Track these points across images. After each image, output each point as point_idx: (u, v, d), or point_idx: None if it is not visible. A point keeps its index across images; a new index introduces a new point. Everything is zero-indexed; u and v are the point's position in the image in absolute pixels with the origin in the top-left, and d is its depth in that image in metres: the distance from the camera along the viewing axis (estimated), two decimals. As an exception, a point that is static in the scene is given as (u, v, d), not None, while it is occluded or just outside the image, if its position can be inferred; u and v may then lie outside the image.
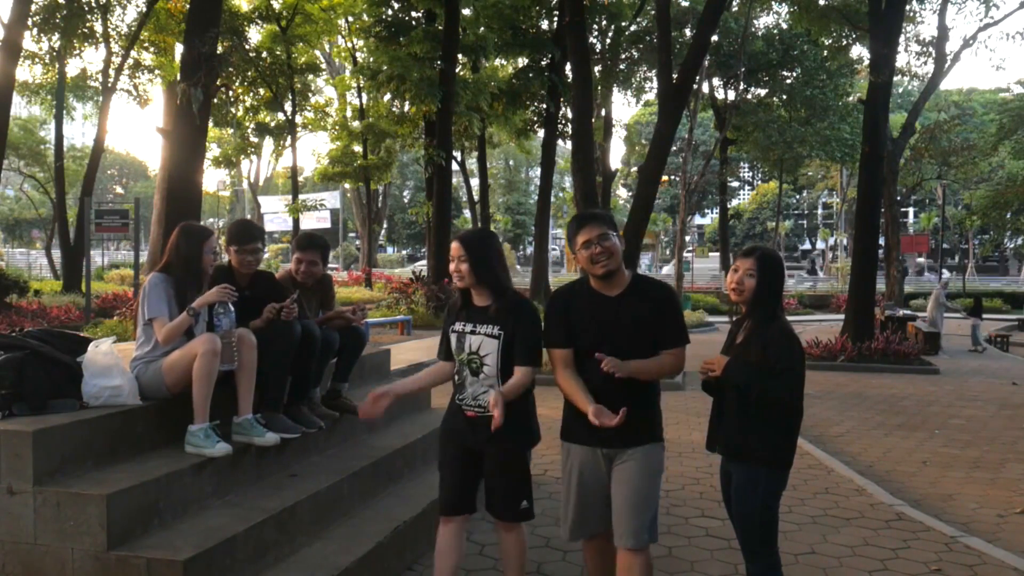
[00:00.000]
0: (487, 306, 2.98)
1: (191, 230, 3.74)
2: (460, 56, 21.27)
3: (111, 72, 20.21)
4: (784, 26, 25.93)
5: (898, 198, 21.97)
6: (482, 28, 21.48)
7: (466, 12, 20.97)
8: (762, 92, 27.51)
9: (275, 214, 48.72)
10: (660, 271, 41.81)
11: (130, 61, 20.61)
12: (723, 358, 2.86)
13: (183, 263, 3.62)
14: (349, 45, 26.85)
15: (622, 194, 54.72)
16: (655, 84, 23.37)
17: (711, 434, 3.03)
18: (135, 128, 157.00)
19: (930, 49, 20.37)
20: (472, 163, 30.74)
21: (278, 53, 22.81)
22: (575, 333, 2.87)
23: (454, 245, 2.98)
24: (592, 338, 2.82)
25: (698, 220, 66.67)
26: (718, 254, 33.13)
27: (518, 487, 3.24)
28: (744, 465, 2.89)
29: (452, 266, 2.98)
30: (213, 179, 42.10)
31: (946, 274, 16.22)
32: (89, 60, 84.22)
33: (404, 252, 71.89)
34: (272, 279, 4.20)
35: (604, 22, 22.68)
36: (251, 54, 22.09)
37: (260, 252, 4.02)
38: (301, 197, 27.11)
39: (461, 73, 22.09)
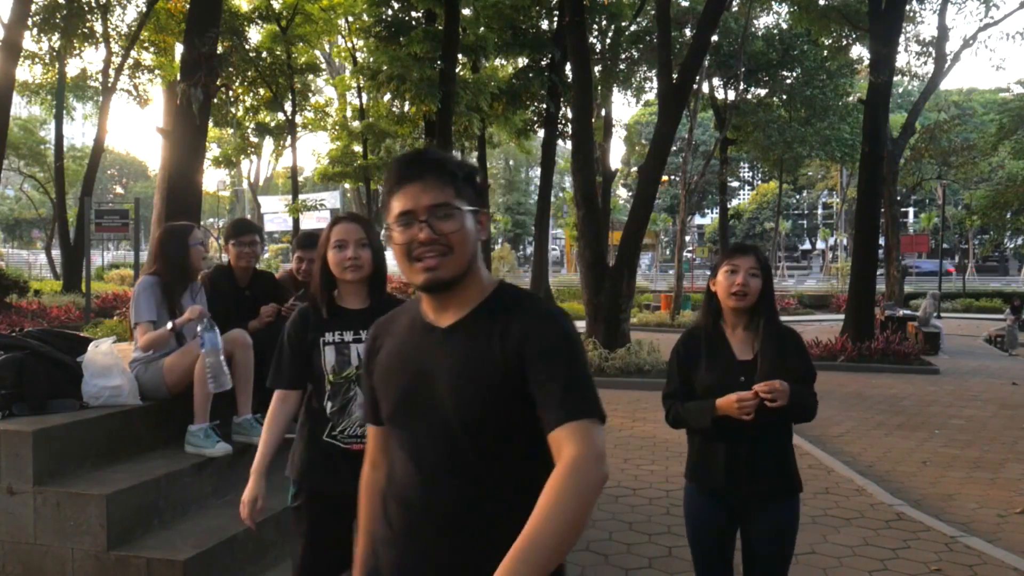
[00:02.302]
0: (366, 308, 2.40)
1: (173, 230, 3.76)
2: (460, 56, 21.24)
3: (111, 72, 20.20)
4: (784, 26, 25.90)
5: (898, 198, 21.96)
6: (482, 28, 21.45)
7: (466, 12, 20.94)
8: (762, 92, 27.47)
9: (275, 214, 48.67)
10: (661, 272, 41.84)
11: (130, 61, 20.60)
12: (779, 383, 2.35)
13: (171, 264, 3.64)
14: (349, 45, 26.82)
15: (622, 194, 54.68)
16: (655, 84, 23.35)
17: (727, 482, 2.48)
18: (135, 128, 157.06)
19: (930, 49, 20.35)
20: (472, 163, 30.71)
21: (278, 53, 22.79)
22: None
23: (349, 228, 2.39)
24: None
25: (698, 220, 66.58)
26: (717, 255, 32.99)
27: None
28: (789, 501, 2.52)
29: (347, 253, 2.35)
30: (213, 179, 42.07)
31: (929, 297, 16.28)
32: (89, 60, 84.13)
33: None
34: (272, 279, 4.20)
35: (604, 22, 22.65)
36: (251, 54, 22.07)
37: (258, 245, 4.02)
38: (301, 197, 27.10)
39: (461, 73, 22.07)
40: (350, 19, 24.79)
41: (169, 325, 3.49)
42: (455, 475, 1.43)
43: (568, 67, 19.25)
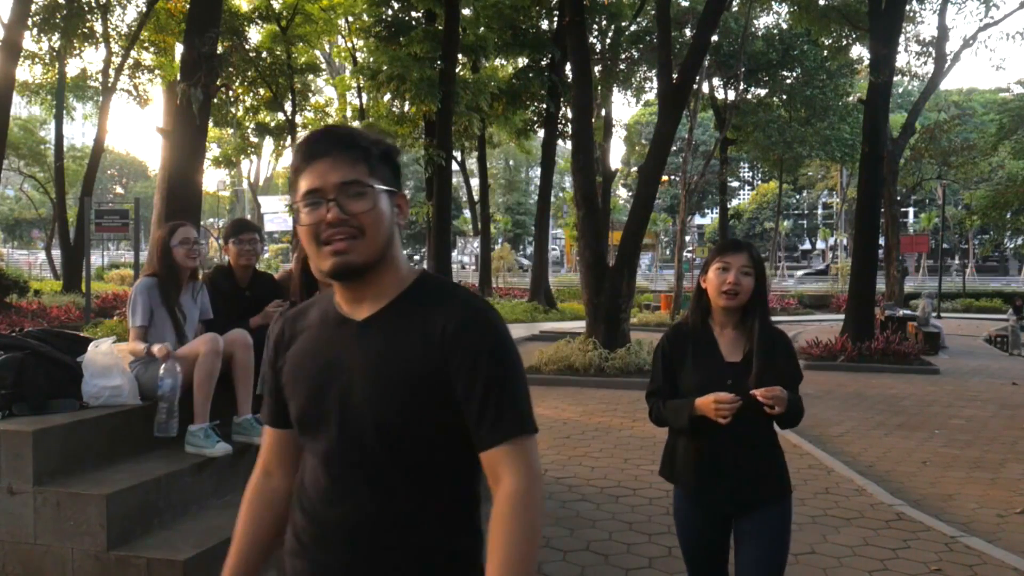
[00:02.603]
0: None
1: (164, 229, 3.79)
2: (460, 56, 21.25)
3: (111, 72, 20.22)
4: (784, 26, 25.90)
5: (898, 198, 21.94)
6: (482, 28, 21.46)
7: (466, 12, 20.95)
8: (762, 92, 27.47)
9: (275, 214, 48.63)
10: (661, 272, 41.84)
11: (130, 61, 20.61)
12: (779, 390, 2.27)
13: (160, 265, 3.68)
14: (349, 45, 26.83)
15: (622, 194, 54.69)
16: (655, 84, 23.35)
17: (711, 486, 2.41)
18: (135, 128, 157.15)
19: (930, 49, 20.34)
20: (472, 163, 30.72)
21: (278, 53, 22.79)
22: None
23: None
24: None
25: (698, 220, 66.58)
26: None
27: None
28: (779, 505, 2.42)
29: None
30: (213, 179, 42.16)
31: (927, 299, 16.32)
32: (89, 60, 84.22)
33: (404, 252, 71.75)
34: (272, 280, 4.20)
35: (604, 22, 22.65)
36: (251, 54, 22.07)
37: (258, 244, 4.03)
38: (301, 197, 27.08)
39: (461, 73, 22.08)
40: (350, 19, 24.80)
41: (145, 349, 3.55)
42: (368, 485, 1.30)
43: (568, 67, 19.25)
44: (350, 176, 1.29)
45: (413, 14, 21.59)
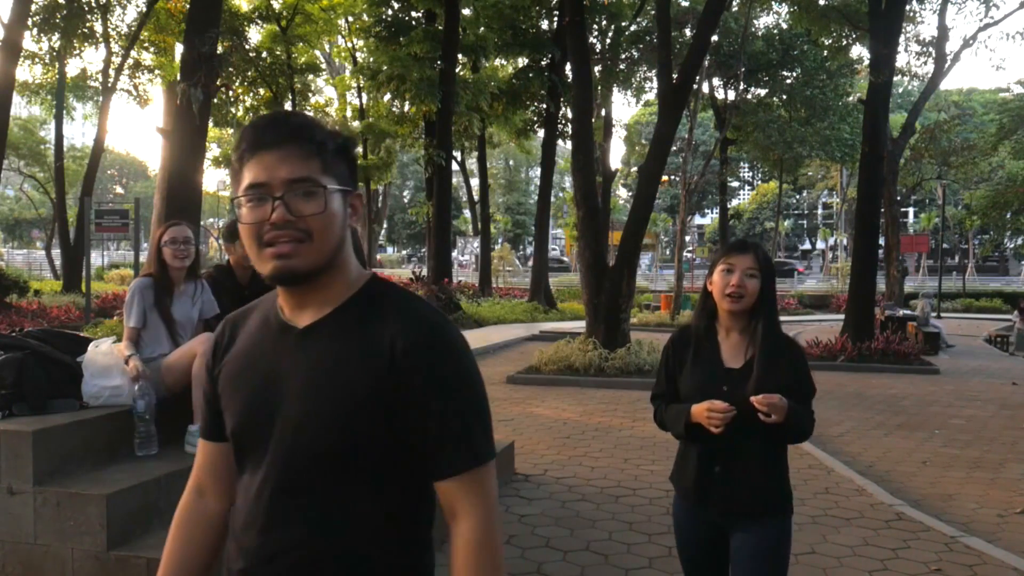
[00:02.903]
0: None
1: (159, 229, 3.81)
2: (460, 56, 21.27)
3: (111, 72, 20.22)
4: (784, 26, 25.92)
5: (898, 198, 21.95)
6: (482, 28, 21.48)
7: (466, 12, 20.97)
8: (762, 92, 27.48)
9: (275, 214, 48.57)
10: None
11: (130, 61, 20.62)
12: (778, 398, 2.15)
13: (155, 265, 3.71)
14: (349, 45, 26.86)
15: (622, 194, 54.71)
16: (655, 84, 23.37)
17: (702, 491, 2.31)
18: (135, 128, 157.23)
19: (930, 49, 20.35)
20: (472, 163, 30.74)
21: (278, 53, 22.82)
22: None
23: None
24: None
25: (698, 220, 66.63)
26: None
27: None
28: (775, 523, 2.30)
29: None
30: (213, 179, 42.09)
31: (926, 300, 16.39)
32: (89, 60, 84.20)
33: (404, 252, 71.87)
34: (271, 279, 4.22)
35: (604, 22, 22.66)
36: (251, 54, 22.10)
37: None
38: (301, 197, 27.13)
39: (461, 73, 22.09)
40: (350, 19, 24.82)
41: (126, 357, 3.54)
42: (303, 514, 1.16)
43: (568, 67, 19.26)
44: (301, 173, 1.15)
45: (413, 14, 21.61)
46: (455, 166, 25.67)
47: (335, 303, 1.21)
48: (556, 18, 21.72)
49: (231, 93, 22.58)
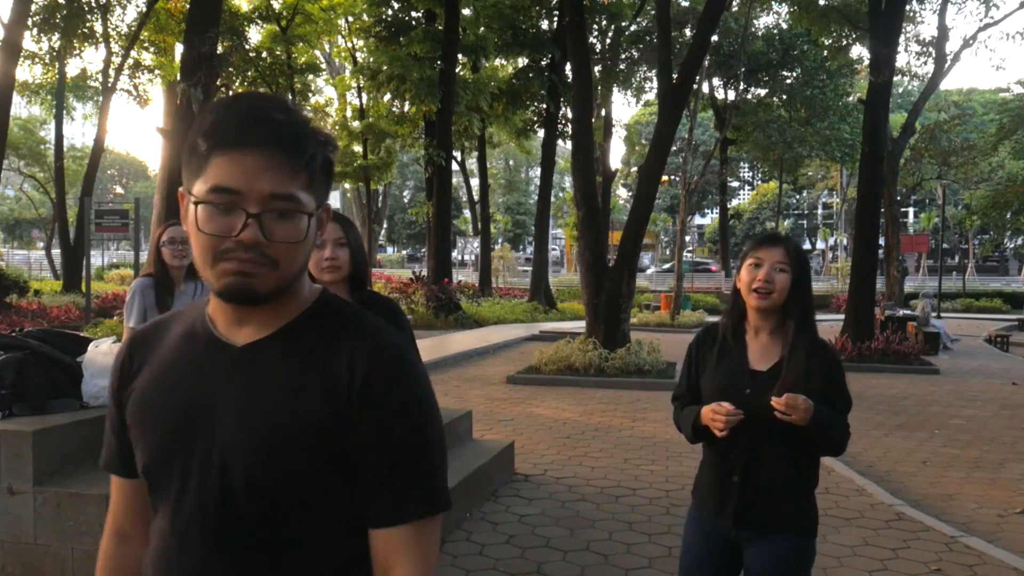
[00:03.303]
0: None
1: (159, 229, 3.82)
2: (460, 56, 21.27)
3: (111, 72, 20.23)
4: (784, 26, 25.96)
5: (898, 198, 21.95)
6: (482, 28, 21.49)
7: (466, 12, 20.98)
8: (762, 92, 27.54)
9: (275, 214, 48.61)
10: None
11: (130, 61, 20.64)
12: (802, 399, 2.00)
13: (155, 265, 3.72)
14: (349, 45, 26.84)
15: (622, 194, 54.71)
16: (655, 84, 23.37)
17: (719, 501, 2.16)
18: (135, 128, 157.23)
19: (930, 49, 20.34)
20: (472, 163, 30.73)
21: (278, 53, 22.81)
22: None
23: (328, 226, 2.22)
24: None
25: (698, 220, 66.64)
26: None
27: None
28: (793, 540, 2.11)
29: (325, 252, 2.25)
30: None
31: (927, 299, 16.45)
32: (89, 60, 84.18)
33: (404, 252, 71.89)
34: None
35: (604, 22, 22.67)
36: (251, 54, 22.10)
37: None
38: (301, 197, 27.13)
39: (461, 73, 22.10)
40: (350, 19, 24.81)
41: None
42: (235, 562, 1.00)
43: (568, 67, 19.27)
44: (285, 188, 0.96)
45: (413, 14, 21.62)
46: (455, 166, 25.67)
47: (283, 320, 1.04)
48: (556, 18, 21.73)
49: (231, 93, 22.58)
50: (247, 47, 22.00)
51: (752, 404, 2.05)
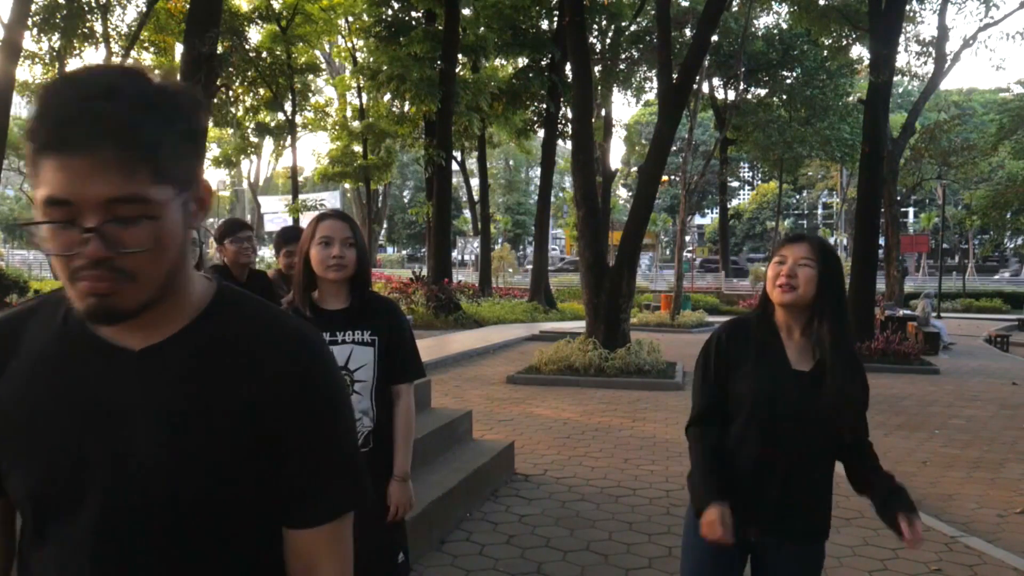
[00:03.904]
0: (345, 308, 2.36)
1: None
2: (460, 56, 21.28)
3: (111, 72, 20.23)
4: (784, 26, 25.96)
5: (898, 198, 21.96)
6: (482, 28, 21.50)
7: (466, 12, 20.99)
8: (762, 92, 27.55)
9: (275, 214, 48.58)
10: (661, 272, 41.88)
11: (130, 61, 20.63)
12: (918, 530, 1.92)
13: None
14: (349, 45, 26.86)
15: (622, 194, 54.75)
16: (655, 84, 23.39)
17: (749, 512, 2.02)
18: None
19: (930, 49, 20.35)
20: (472, 163, 30.74)
21: (278, 53, 22.82)
22: None
23: (335, 225, 2.32)
24: None
25: (698, 220, 66.65)
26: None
27: (398, 540, 2.47)
28: (818, 546, 2.10)
29: (332, 251, 2.29)
30: (213, 179, 42.22)
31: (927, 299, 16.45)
32: (89, 60, 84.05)
33: (404, 252, 71.91)
34: (266, 279, 4.22)
35: (604, 22, 22.69)
36: (251, 54, 22.10)
37: (253, 241, 4.07)
38: (301, 197, 27.14)
39: (461, 73, 22.11)
40: (350, 19, 24.83)
41: None
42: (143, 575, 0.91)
43: (568, 67, 19.27)
44: (123, 190, 0.80)
45: (413, 14, 21.63)
46: (455, 166, 25.67)
47: (179, 321, 0.94)
48: (556, 18, 21.73)
49: (231, 93, 22.59)
50: (247, 47, 22.00)
51: (800, 407, 1.98)
